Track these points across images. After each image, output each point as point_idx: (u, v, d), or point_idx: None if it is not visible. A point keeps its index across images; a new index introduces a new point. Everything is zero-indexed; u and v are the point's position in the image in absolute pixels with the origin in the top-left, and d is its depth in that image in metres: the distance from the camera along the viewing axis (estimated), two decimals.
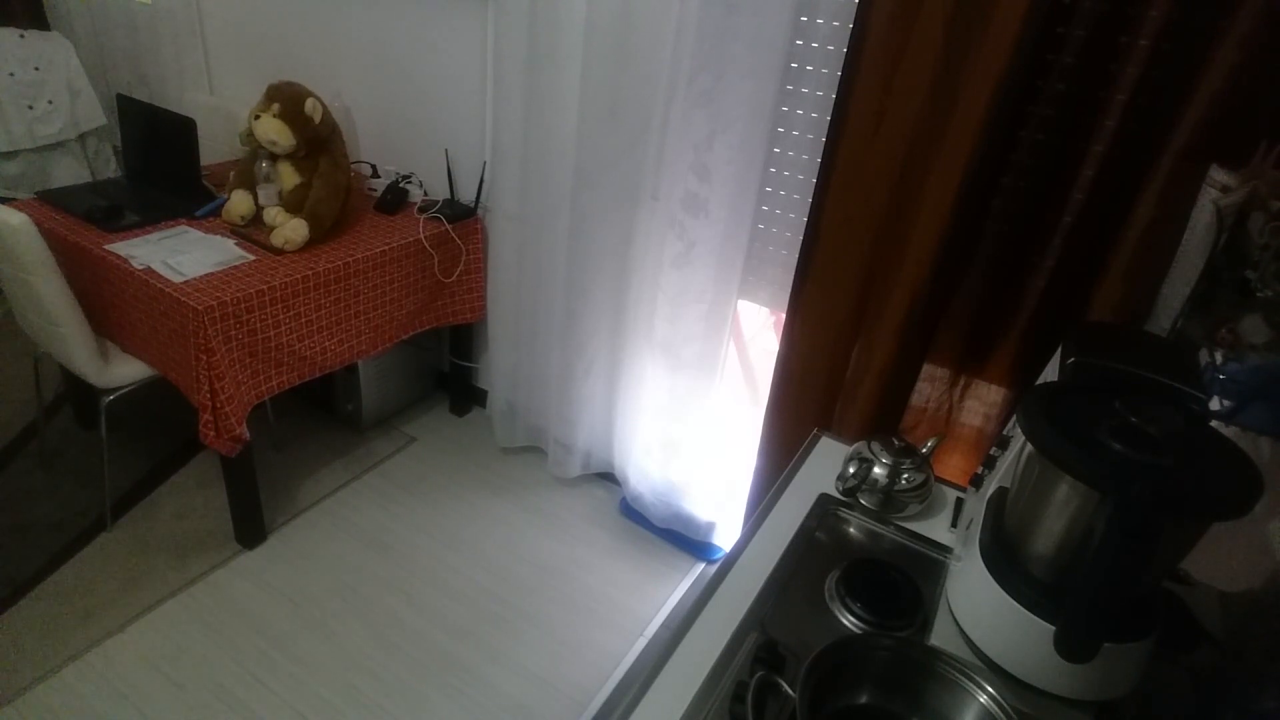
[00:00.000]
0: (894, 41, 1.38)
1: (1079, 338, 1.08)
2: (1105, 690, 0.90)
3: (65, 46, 3.00)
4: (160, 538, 2.20)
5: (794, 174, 1.76)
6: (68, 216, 2.14)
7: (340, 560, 2.19)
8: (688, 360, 2.08)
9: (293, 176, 2.16)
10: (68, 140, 3.07)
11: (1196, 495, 0.77)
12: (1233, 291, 1.10)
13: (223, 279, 1.92)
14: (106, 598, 2.01)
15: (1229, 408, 0.99)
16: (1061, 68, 1.28)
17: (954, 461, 1.63)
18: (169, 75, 2.95)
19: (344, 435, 2.67)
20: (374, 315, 2.23)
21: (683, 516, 2.30)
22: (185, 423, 2.06)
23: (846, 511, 1.25)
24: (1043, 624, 0.87)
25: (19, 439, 2.52)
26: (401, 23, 2.34)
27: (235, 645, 1.92)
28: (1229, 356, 1.05)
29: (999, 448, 1.20)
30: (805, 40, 1.62)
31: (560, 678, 1.91)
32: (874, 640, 0.93)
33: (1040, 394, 0.92)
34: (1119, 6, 1.20)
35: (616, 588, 2.18)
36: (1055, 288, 1.41)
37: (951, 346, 1.57)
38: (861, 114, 1.47)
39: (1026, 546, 0.92)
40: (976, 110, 1.32)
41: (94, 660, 1.85)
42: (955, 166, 1.37)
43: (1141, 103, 1.23)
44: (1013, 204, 1.41)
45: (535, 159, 2.12)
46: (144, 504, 2.30)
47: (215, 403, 1.89)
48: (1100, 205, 1.31)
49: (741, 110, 1.72)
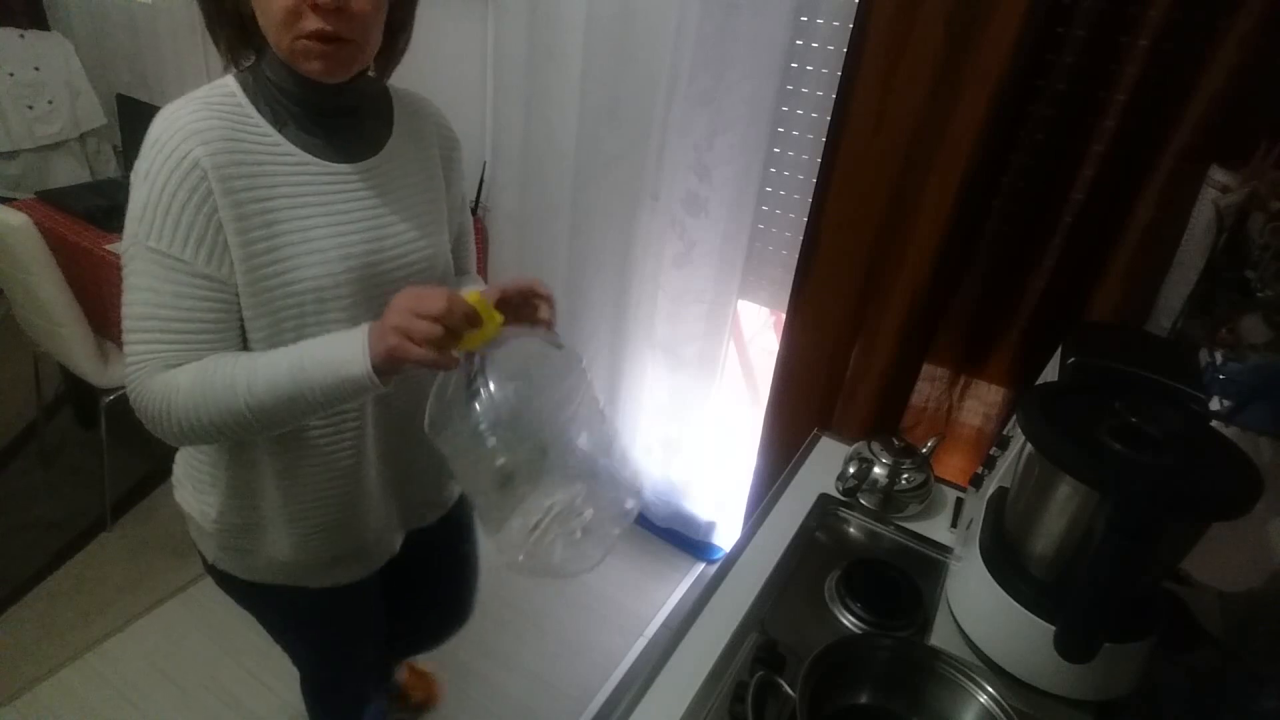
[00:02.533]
0: (894, 41, 1.38)
1: (1079, 338, 1.08)
2: (1105, 690, 0.90)
3: (65, 46, 3.00)
4: (160, 538, 2.20)
5: (794, 174, 1.76)
6: (68, 216, 2.13)
7: None
8: (688, 360, 2.08)
9: None
10: (68, 140, 3.07)
11: (1196, 495, 0.77)
12: (1233, 291, 1.10)
13: None
14: (106, 598, 2.01)
15: (1229, 408, 0.99)
16: (1061, 68, 1.28)
17: (954, 461, 1.63)
18: (169, 75, 2.95)
19: None
20: None
21: (683, 516, 2.30)
22: None
23: (846, 511, 1.25)
24: (1043, 624, 0.87)
25: (19, 439, 2.52)
26: None
27: (235, 645, 1.92)
28: (1229, 356, 1.05)
29: (999, 448, 1.20)
30: (805, 40, 1.62)
31: (560, 678, 1.91)
32: (874, 640, 0.93)
33: (1040, 394, 0.92)
34: (1119, 6, 1.20)
35: (616, 588, 2.18)
36: (1055, 288, 1.41)
37: (951, 346, 1.57)
38: (861, 114, 1.47)
39: (1026, 546, 0.92)
40: (976, 110, 1.32)
41: (94, 660, 1.85)
42: (955, 166, 1.37)
43: (1141, 103, 1.23)
44: (1013, 204, 1.41)
45: (535, 159, 2.12)
46: (144, 504, 2.30)
47: None
48: (1100, 205, 1.31)
49: (741, 110, 1.72)
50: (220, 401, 0.78)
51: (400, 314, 0.74)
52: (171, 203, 0.77)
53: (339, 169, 0.88)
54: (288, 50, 0.79)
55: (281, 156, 0.84)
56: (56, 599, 2.00)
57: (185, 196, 0.78)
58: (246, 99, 0.84)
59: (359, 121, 0.92)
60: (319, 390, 0.78)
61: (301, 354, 0.80)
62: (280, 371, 0.79)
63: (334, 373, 0.78)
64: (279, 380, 0.78)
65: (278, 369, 0.79)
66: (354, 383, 0.78)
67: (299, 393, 0.78)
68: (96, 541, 2.17)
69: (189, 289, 0.79)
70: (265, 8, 0.77)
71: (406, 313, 0.74)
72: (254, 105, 0.84)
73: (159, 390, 0.79)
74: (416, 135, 0.99)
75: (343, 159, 0.89)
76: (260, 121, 0.83)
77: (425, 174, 0.99)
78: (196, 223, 0.78)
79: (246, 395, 0.78)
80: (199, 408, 0.78)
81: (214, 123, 0.80)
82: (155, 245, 0.78)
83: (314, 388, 0.78)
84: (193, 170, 0.77)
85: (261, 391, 0.78)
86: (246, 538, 0.99)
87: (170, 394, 0.79)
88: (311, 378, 0.78)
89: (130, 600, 2.00)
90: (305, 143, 0.86)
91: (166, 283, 0.79)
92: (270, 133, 0.84)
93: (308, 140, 0.86)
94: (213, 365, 0.80)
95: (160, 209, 0.78)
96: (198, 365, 0.80)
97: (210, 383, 0.78)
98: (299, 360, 0.79)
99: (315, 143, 0.87)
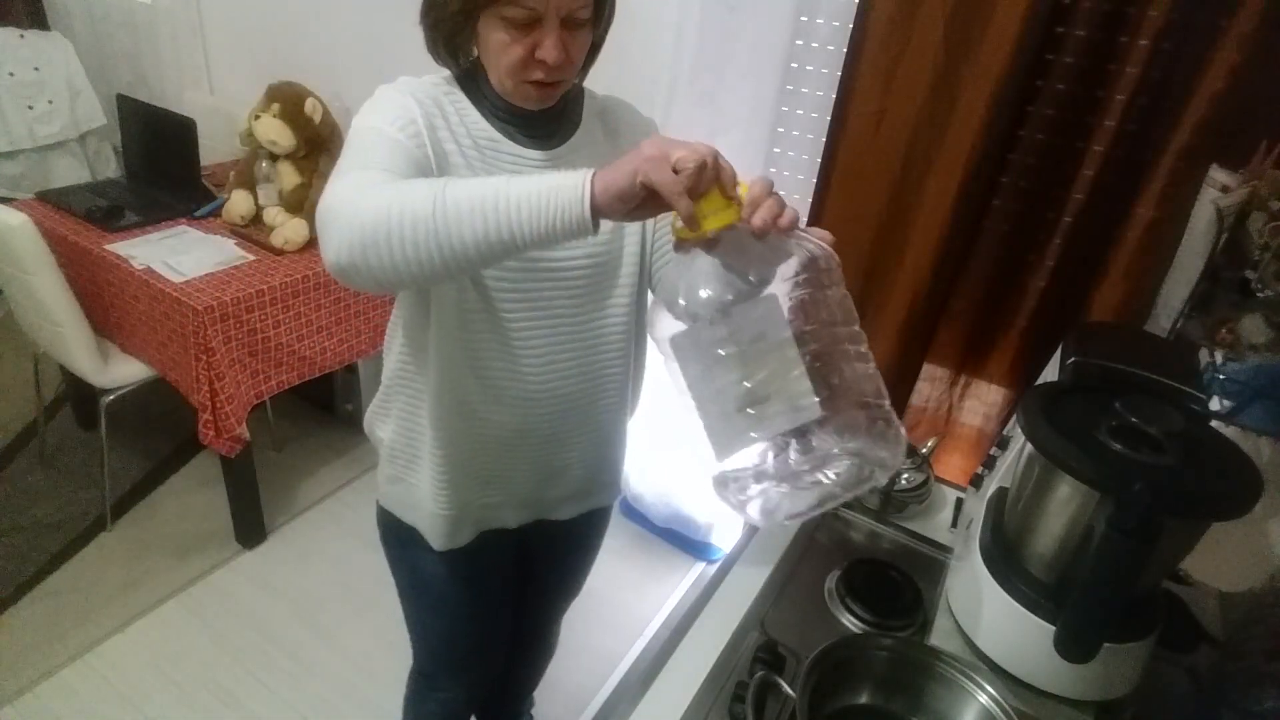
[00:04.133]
0: (894, 41, 1.38)
1: (1079, 338, 1.08)
2: (1105, 690, 0.90)
3: (65, 46, 3.00)
4: (160, 538, 2.20)
5: (794, 174, 1.76)
6: (68, 216, 2.14)
7: (340, 560, 2.19)
8: None
9: (293, 176, 2.16)
10: (68, 140, 3.07)
11: (1196, 495, 0.77)
12: (1233, 291, 1.11)
13: (223, 279, 1.92)
14: (106, 598, 2.01)
15: (1229, 408, 0.99)
16: (1061, 68, 1.28)
17: (954, 461, 1.63)
18: (169, 75, 2.95)
19: (344, 435, 2.67)
20: (374, 315, 2.23)
21: (683, 516, 2.30)
22: (185, 423, 2.06)
23: (846, 511, 1.25)
24: (1043, 624, 0.87)
25: (19, 439, 2.52)
26: (401, 23, 2.33)
27: (235, 645, 1.92)
28: (1229, 356, 1.05)
29: (999, 448, 1.20)
30: (805, 40, 1.62)
31: (560, 677, 1.91)
32: (874, 640, 0.93)
33: (1040, 394, 0.92)
34: (1119, 6, 1.20)
35: (616, 588, 2.18)
36: (1055, 288, 1.41)
37: (951, 346, 1.57)
38: (861, 114, 1.47)
39: (1026, 546, 0.92)
40: (976, 110, 1.32)
41: (94, 660, 1.85)
42: (955, 166, 1.37)
43: (1141, 103, 1.23)
44: (1013, 204, 1.41)
45: None
46: (144, 504, 2.30)
47: (215, 403, 1.89)
48: (1100, 205, 1.31)
49: (741, 110, 1.72)
50: (410, 192, 0.70)
51: (652, 144, 0.66)
52: (391, 114, 0.84)
53: (528, 154, 0.91)
54: (510, 90, 0.87)
55: (476, 132, 0.89)
56: (56, 599, 2.00)
57: (403, 117, 0.83)
58: (457, 85, 0.91)
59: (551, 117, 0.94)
60: (519, 208, 0.67)
61: (510, 177, 0.70)
62: (484, 183, 0.69)
63: (544, 190, 0.66)
64: (477, 186, 0.69)
65: (482, 182, 0.70)
66: (563, 208, 0.66)
67: (496, 204, 0.67)
68: (96, 541, 2.17)
69: (402, 150, 0.82)
70: (492, 59, 0.84)
71: (659, 143, 0.65)
72: (462, 90, 0.91)
73: (352, 182, 0.76)
74: (606, 129, 1.01)
75: (533, 146, 0.92)
76: (462, 98, 0.90)
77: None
78: (410, 133, 0.83)
79: (440, 192, 0.68)
80: (389, 199, 0.70)
81: (428, 89, 0.88)
82: (374, 124, 0.83)
83: (514, 203, 0.67)
84: (407, 108, 0.84)
85: (457, 191, 0.68)
86: (404, 467, 1.06)
87: (364, 184, 0.75)
88: (515, 190, 0.67)
89: (130, 600, 2.00)
90: (501, 126, 0.91)
91: (379, 146, 0.81)
92: (469, 109, 0.90)
93: (503, 125, 0.91)
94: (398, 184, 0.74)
95: (379, 113, 0.84)
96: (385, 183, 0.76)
97: (407, 182, 0.73)
98: (507, 178, 0.69)
99: (509, 128, 0.91)
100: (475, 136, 0.89)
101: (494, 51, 0.83)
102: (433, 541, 1.07)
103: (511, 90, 0.86)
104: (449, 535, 1.06)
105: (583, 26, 0.84)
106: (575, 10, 0.81)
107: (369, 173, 0.78)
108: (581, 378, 0.99)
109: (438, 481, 1.01)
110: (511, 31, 0.81)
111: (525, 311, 0.93)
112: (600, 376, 1.01)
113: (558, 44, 0.81)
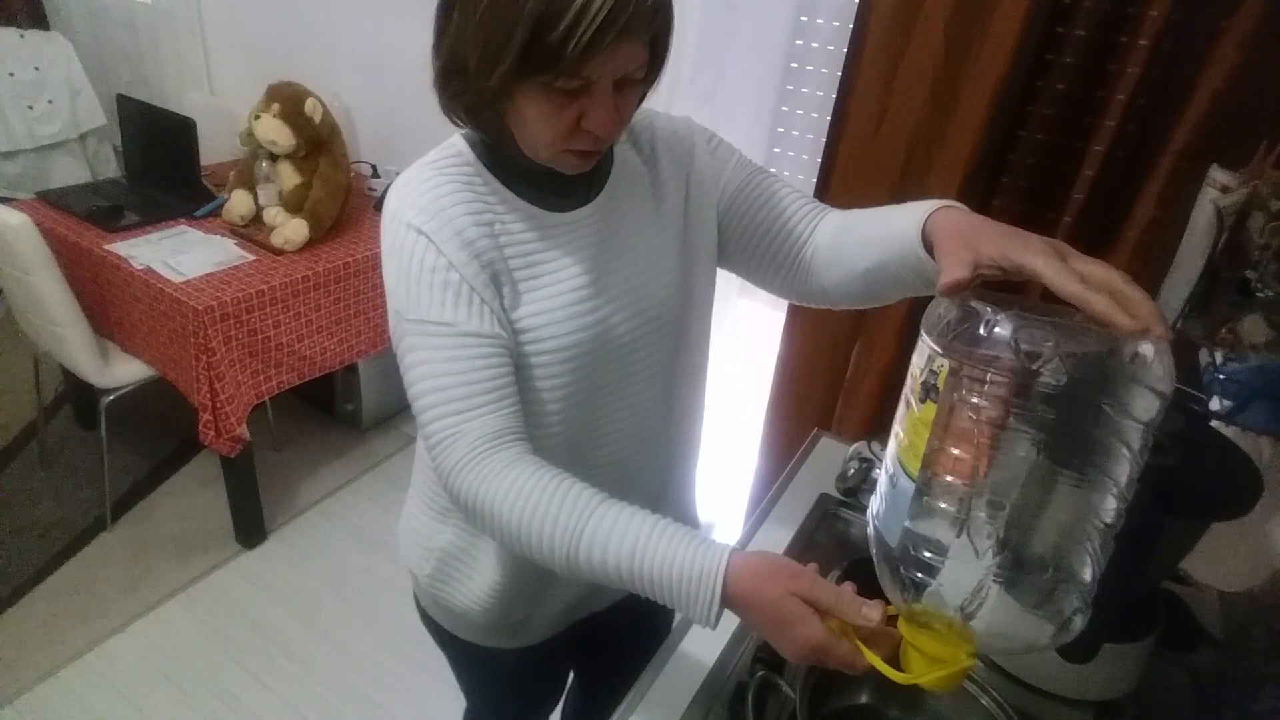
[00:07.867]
0: (894, 41, 1.38)
1: None
2: (1105, 690, 0.90)
3: (65, 46, 3.00)
4: (160, 538, 2.20)
5: (794, 174, 1.76)
6: (68, 216, 2.14)
7: (340, 560, 2.19)
8: None
9: (293, 176, 2.16)
10: (68, 140, 3.07)
11: (1196, 495, 0.77)
12: (1233, 291, 1.10)
13: (223, 279, 1.93)
14: (106, 598, 2.01)
15: (1229, 408, 0.99)
16: (1061, 68, 1.28)
17: None
18: (169, 75, 2.95)
19: (344, 435, 2.67)
20: (374, 315, 2.23)
21: None
22: (185, 423, 2.06)
23: (846, 511, 1.25)
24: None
25: (19, 439, 2.53)
26: (401, 23, 2.34)
27: (235, 645, 1.92)
28: (1229, 356, 1.05)
29: None
30: (805, 40, 1.62)
31: None
32: None
33: None
34: (1119, 6, 1.20)
35: None
36: None
37: None
38: (861, 114, 1.47)
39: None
40: (977, 110, 1.32)
41: (94, 660, 1.85)
42: (955, 166, 1.37)
43: (1141, 103, 1.23)
44: (1013, 204, 1.41)
45: None
46: (144, 504, 2.30)
47: (215, 403, 1.89)
48: (1100, 205, 1.31)
49: (741, 110, 1.72)
50: (540, 539, 0.71)
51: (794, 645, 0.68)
52: (421, 273, 0.75)
53: (563, 218, 0.83)
54: (546, 157, 0.76)
55: (515, 229, 0.80)
56: (56, 599, 2.00)
57: (457, 294, 0.75)
58: (475, 158, 0.80)
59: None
60: (650, 590, 0.69)
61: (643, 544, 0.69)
62: (618, 551, 0.69)
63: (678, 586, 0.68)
64: (611, 555, 0.69)
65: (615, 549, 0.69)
66: (691, 609, 0.68)
67: (630, 580, 0.69)
68: (96, 541, 2.17)
69: (459, 351, 0.75)
70: (529, 129, 0.73)
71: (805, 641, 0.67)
72: (483, 164, 0.80)
73: (475, 496, 0.73)
74: (641, 154, 0.90)
75: (570, 208, 0.84)
76: (489, 178, 0.80)
77: (655, 209, 0.89)
78: (449, 285, 0.75)
79: (573, 552, 0.70)
80: (517, 536, 0.72)
81: (447, 187, 0.78)
82: (416, 317, 0.75)
83: (646, 584, 0.69)
84: (449, 279, 0.75)
85: (591, 555, 0.70)
86: (447, 587, 0.99)
87: (492, 508, 0.72)
88: (647, 570, 0.69)
89: (130, 600, 2.01)
90: (535, 196, 0.82)
91: (437, 350, 0.75)
92: (499, 188, 0.80)
93: (537, 194, 0.82)
94: (536, 494, 0.71)
95: (410, 282, 0.75)
96: (516, 482, 0.72)
97: (533, 519, 0.71)
98: (635, 548, 0.69)
99: (543, 195, 0.82)
100: (518, 241, 0.80)
101: (531, 121, 0.72)
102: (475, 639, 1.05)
103: (548, 159, 0.76)
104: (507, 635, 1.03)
105: (636, 85, 0.74)
106: (631, 72, 0.70)
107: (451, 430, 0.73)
108: (666, 423, 1.00)
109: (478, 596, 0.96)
110: (556, 99, 0.69)
111: (608, 396, 0.88)
112: (684, 417, 1.05)
113: (611, 113, 0.71)
